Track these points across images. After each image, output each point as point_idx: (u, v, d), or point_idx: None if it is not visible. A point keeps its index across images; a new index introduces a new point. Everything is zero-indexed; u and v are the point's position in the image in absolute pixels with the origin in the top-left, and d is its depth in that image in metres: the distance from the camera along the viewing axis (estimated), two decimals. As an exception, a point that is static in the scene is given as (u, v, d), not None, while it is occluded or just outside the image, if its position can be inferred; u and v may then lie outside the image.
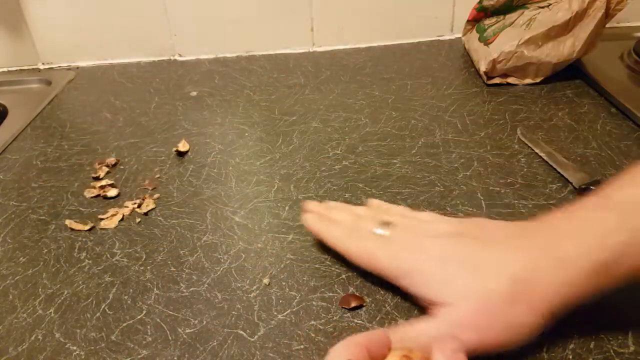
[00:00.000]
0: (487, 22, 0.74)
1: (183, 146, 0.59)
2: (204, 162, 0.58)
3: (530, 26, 0.68)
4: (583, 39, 0.65)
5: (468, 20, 0.78)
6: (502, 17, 0.73)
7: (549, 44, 0.66)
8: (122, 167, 0.58)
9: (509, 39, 0.68)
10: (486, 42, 0.71)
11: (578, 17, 0.65)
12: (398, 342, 0.30)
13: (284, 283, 0.41)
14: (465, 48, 0.79)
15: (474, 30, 0.76)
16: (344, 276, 0.42)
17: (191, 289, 0.42)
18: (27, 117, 0.70)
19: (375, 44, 0.85)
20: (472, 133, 0.59)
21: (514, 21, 0.70)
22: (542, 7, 0.69)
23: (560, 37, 0.66)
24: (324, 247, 0.44)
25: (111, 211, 0.51)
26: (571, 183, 0.49)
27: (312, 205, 0.47)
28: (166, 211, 0.51)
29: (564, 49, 0.66)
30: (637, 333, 0.35)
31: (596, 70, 0.68)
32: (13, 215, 0.51)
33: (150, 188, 0.54)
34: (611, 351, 0.34)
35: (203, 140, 0.62)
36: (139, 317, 0.39)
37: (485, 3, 0.74)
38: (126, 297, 0.41)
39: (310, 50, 0.85)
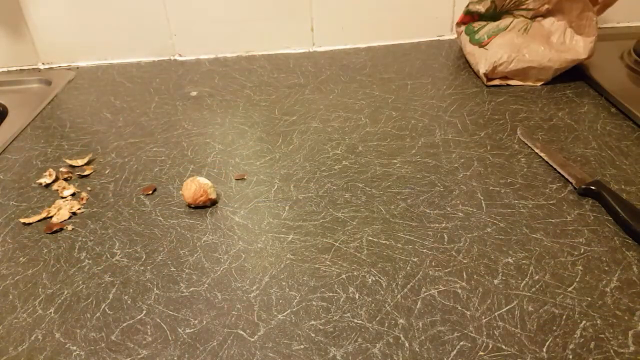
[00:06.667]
0: (476, 25, 0.74)
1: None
2: (204, 162, 0.58)
3: (527, 31, 0.68)
4: (586, 45, 0.65)
5: (457, 23, 0.78)
6: (490, 22, 0.73)
7: (551, 49, 0.66)
8: (122, 166, 0.58)
9: (508, 43, 0.68)
10: (480, 44, 0.71)
11: (575, 28, 0.65)
12: None
13: (284, 283, 0.41)
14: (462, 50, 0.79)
15: (464, 33, 0.76)
16: (344, 276, 0.42)
17: (191, 289, 0.42)
18: (27, 117, 0.70)
19: (375, 44, 0.85)
20: (472, 133, 0.59)
21: (509, 25, 0.70)
22: (529, 18, 0.69)
23: (561, 46, 0.67)
24: (324, 247, 0.44)
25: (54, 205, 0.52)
26: (571, 183, 0.49)
27: None
28: (166, 211, 0.51)
29: (567, 54, 0.66)
30: (637, 333, 0.36)
31: (596, 70, 0.68)
32: (13, 215, 0.51)
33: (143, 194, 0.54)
34: (611, 351, 0.34)
35: (203, 140, 0.62)
36: (139, 317, 0.39)
37: (470, 7, 0.74)
38: (126, 297, 0.41)
39: (310, 50, 0.85)
